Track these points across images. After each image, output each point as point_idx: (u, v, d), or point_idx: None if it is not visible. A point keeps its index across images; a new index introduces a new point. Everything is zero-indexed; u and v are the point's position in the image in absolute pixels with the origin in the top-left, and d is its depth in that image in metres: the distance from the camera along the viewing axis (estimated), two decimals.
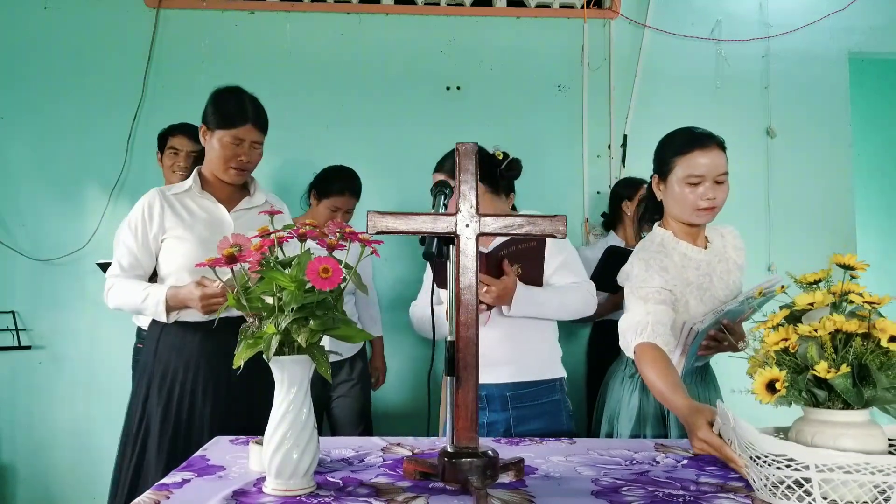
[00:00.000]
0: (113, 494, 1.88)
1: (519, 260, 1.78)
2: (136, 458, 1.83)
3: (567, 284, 1.87)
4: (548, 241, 1.81)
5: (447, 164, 1.92)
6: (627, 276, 1.70)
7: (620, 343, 1.68)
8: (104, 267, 2.48)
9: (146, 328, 2.57)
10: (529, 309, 1.80)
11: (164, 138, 2.69)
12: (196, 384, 1.84)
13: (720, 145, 1.67)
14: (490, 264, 1.75)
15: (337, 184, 2.65)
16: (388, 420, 3.10)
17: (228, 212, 1.95)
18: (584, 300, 1.87)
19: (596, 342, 2.99)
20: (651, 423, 1.72)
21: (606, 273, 2.39)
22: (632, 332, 1.60)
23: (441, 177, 1.85)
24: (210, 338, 1.85)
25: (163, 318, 1.84)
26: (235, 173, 1.92)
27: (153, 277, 1.96)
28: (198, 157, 2.07)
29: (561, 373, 1.94)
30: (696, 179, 1.63)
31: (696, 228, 1.74)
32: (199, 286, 1.75)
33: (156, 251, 1.92)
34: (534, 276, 1.82)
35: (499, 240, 1.79)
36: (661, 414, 1.72)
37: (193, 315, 1.84)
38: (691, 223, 1.71)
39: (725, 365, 1.90)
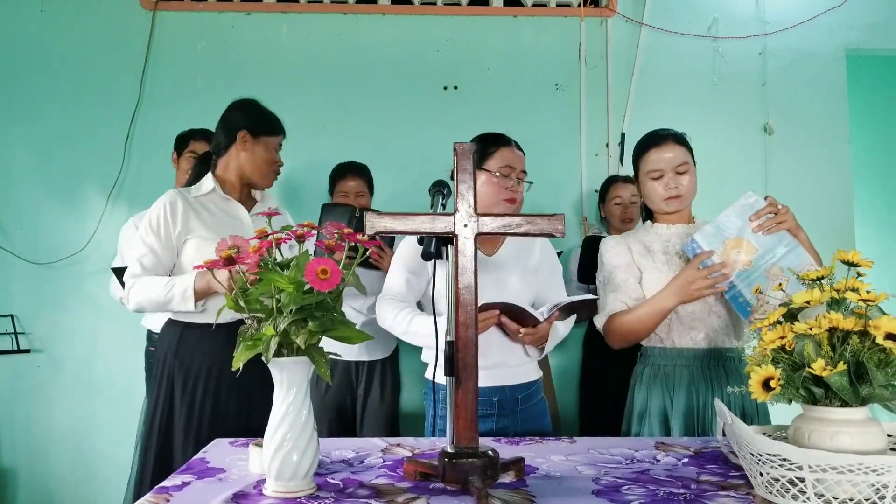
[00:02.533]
0: (136, 495, 1.89)
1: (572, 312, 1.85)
2: (162, 460, 1.83)
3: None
4: (543, 254, 1.93)
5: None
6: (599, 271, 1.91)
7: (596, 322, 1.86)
8: (118, 272, 2.48)
9: (157, 331, 2.58)
10: (552, 344, 1.85)
11: (185, 141, 2.67)
12: (219, 385, 1.86)
13: (676, 140, 1.82)
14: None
15: (340, 171, 2.76)
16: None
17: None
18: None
19: (590, 342, 2.99)
20: (653, 422, 1.77)
21: (587, 264, 2.42)
22: (598, 317, 1.85)
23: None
24: (232, 339, 1.85)
25: (190, 307, 1.83)
26: (274, 177, 2.07)
27: None
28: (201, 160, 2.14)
29: None
30: (657, 174, 1.80)
31: (677, 213, 1.88)
32: None
33: (178, 250, 1.94)
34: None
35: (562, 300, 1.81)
36: (663, 413, 1.77)
37: (213, 317, 1.85)
38: (665, 212, 1.85)
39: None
